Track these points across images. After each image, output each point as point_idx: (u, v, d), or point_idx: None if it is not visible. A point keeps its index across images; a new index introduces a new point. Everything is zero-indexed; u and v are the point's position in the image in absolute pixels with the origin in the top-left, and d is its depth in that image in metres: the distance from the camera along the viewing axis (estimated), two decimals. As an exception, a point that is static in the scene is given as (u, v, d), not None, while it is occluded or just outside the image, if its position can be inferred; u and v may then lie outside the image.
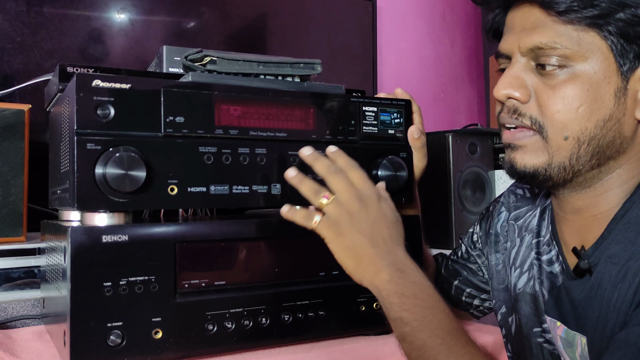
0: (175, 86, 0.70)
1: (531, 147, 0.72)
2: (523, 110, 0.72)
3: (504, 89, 0.72)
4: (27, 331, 0.86)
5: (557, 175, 0.71)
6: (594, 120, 0.68)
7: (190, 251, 0.70)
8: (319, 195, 0.71)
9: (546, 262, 0.79)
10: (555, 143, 0.70)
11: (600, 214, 0.72)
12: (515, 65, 0.72)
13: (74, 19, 1.36)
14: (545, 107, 0.70)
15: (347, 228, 0.69)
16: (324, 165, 0.72)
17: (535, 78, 0.71)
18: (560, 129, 0.69)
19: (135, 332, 0.66)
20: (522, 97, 0.71)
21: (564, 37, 0.68)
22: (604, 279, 0.68)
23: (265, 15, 1.68)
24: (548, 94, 0.69)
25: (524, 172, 0.73)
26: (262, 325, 0.73)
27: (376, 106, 0.83)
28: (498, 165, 1.59)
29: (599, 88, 0.68)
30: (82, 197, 0.65)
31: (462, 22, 2.36)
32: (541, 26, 0.69)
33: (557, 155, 0.70)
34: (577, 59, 0.68)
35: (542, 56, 0.69)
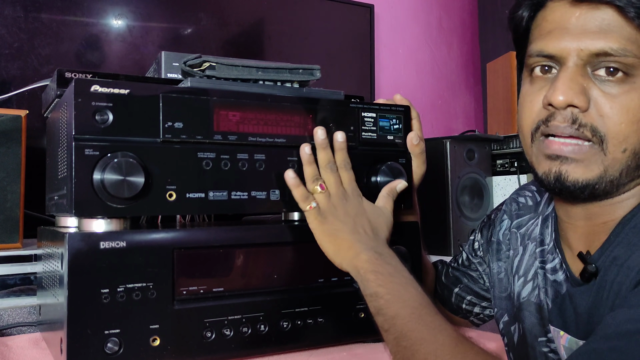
0: (174, 92, 0.70)
1: (586, 161, 0.67)
2: (584, 120, 0.66)
3: (564, 95, 0.66)
4: (23, 338, 0.85)
5: (604, 189, 0.67)
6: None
7: (188, 258, 0.70)
8: (317, 181, 0.77)
9: (550, 270, 0.79)
10: (612, 156, 0.66)
11: (612, 220, 0.70)
12: (571, 70, 0.66)
13: (71, 25, 1.36)
14: (608, 118, 0.65)
15: (330, 217, 0.76)
16: (326, 158, 0.78)
17: (592, 84, 0.66)
18: (620, 141, 0.65)
19: (133, 340, 0.65)
20: (584, 105, 0.66)
21: (634, 44, 0.64)
22: (606, 281, 0.67)
23: (263, 21, 1.68)
24: (610, 103, 0.65)
25: (574, 186, 0.68)
26: (260, 333, 0.73)
27: (375, 112, 0.83)
28: (496, 172, 1.60)
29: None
30: (80, 203, 0.64)
31: (459, 28, 2.37)
32: (612, 30, 0.64)
33: (611, 169, 0.66)
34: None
35: (606, 62, 0.65)
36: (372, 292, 0.70)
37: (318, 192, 0.77)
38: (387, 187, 0.83)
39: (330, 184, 0.78)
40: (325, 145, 0.78)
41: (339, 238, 0.75)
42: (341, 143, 0.79)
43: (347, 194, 0.79)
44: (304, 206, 0.76)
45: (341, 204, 0.77)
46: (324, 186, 0.77)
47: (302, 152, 0.77)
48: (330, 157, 0.79)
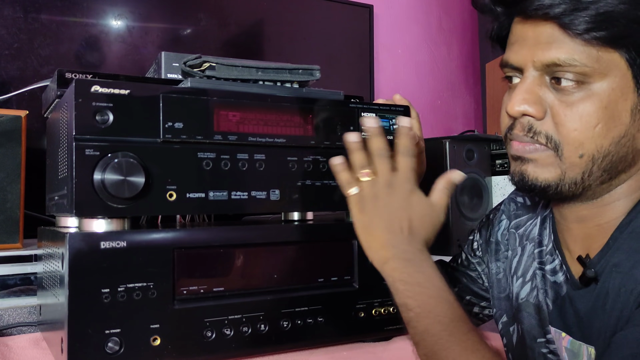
0: (174, 92, 0.70)
1: (543, 162, 0.70)
2: (538, 128, 0.69)
3: (518, 105, 0.69)
4: (24, 338, 0.85)
5: (568, 190, 0.69)
6: (610, 137, 0.67)
7: (188, 257, 0.70)
8: (364, 167, 0.74)
9: (550, 271, 0.79)
10: (569, 161, 0.68)
11: (606, 223, 0.71)
12: (528, 80, 0.69)
13: (71, 26, 1.36)
14: (561, 125, 0.67)
15: (369, 207, 0.72)
16: (378, 145, 0.74)
17: (550, 93, 0.68)
18: (576, 147, 0.67)
19: (134, 339, 0.65)
20: (538, 114, 0.68)
21: (582, 54, 0.65)
22: (609, 288, 0.68)
23: (263, 21, 1.68)
24: (565, 111, 0.67)
25: (534, 186, 0.71)
26: (260, 332, 0.73)
27: (375, 112, 0.83)
28: (495, 172, 1.60)
29: (616, 105, 0.66)
30: (81, 203, 0.64)
31: (459, 28, 2.37)
32: (558, 42, 0.66)
33: (570, 172, 0.68)
34: (595, 77, 0.65)
35: (558, 72, 0.67)
36: (401, 303, 0.68)
37: (363, 178, 0.73)
38: (444, 179, 0.78)
39: (380, 169, 0.74)
40: (379, 132, 0.74)
41: (373, 233, 0.72)
42: (406, 128, 0.76)
43: (395, 182, 0.74)
44: (345, 190, 0.74)
45: (384, 193, 0.73)
46: (369, 172, 0.73)
47: (349, 139, 0.74)
48: (384, 144, 0.75)
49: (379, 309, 0.80)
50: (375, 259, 0.72)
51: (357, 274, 0.79)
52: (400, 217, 0.72)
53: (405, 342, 0.81)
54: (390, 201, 0.73)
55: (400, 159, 0.75)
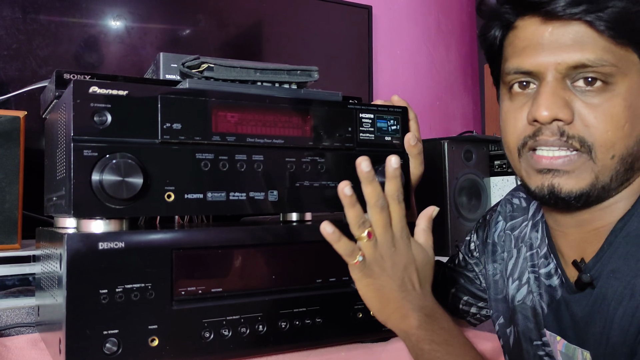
0: (173, 93, 0.70)
1: (577, 171, 0.68)
2: (571, 132, 0.67)
3: (548, 110, 0.67)
4: (22, 339, 0.85)
5: (597, 195, 0.68)
6: (635, 136, 0.67)
7: (186, 258, 0.70)
8: (364, 226, 0.67)
9: (544, 275, 0.79)
10: (602, 163, 0.67)
11: (602, 226, 0.71)
12: (551, 84, 0.68)
13: (69, 26, 1.36)
14: (593, 127, 0.66)
15: (377, 269, 0.67)
16: (374, 195, 0.66)
17: (573, 96, 0.67)
18: (608, 148, 0.66)
19: (132, 340, 0.65)
20: (568, 118, 0.67)
21: (610, 54, 0.65)
22: (607, 294, 0.67)
23: (261, 22, 1.68)
24: (594, 113, 0.66)
25: (569, 197, 0.68)
26: (259, 333, 0.73)
27: (373, 113, 0.83)
28: (494, 172, 1.60)
29: (636, 103, 0.66)
30: (79, 204, 0.64)
31: (457, 29, 2.37)
32: (586, 42, 0.65)
33: (602, 175, 0.67)
34: (618, 76, 0.65)
35: (585, 73, 0.66)
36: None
37: (365, 241, 0.67)
38: (424, 219, 0.73)
39: (379, 226, 0.67)
40: (372, 178, 0.66)
41: (384, 295, 0.67)
42: (396, 170, 0.68)
43: (396, 238, 0.68)
44: (349, 260, 0.67)
45: (389, 252, 0.67)
46: (372, 232, 0.67)
47: (342, 193, 0.66)
48: (380, 192, 0.67)
49: (377, 309, 0.80)
50: (391, 318, 0.67)
51: (355, 275, 0.79)
52: (410, 272, 0.68)
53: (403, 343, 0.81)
54: (396, 260, 0.68)
55: (393, 206, 0.68)
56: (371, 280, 0.67)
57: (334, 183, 0.80)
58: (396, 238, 0.68)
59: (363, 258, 0.66)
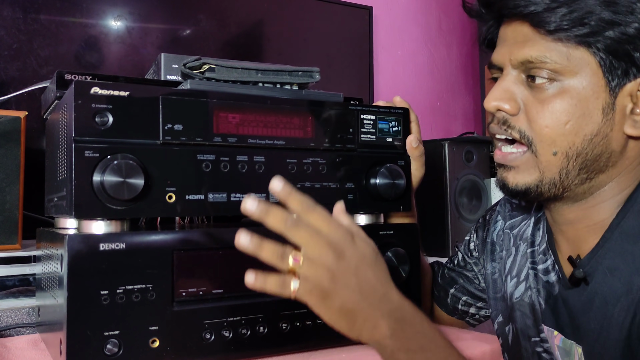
0: (174, 94, 0.70)
1: (523, 167, 0.73)
2: (512, 123, 0.72)
3: (494, 100, 0.73)
4: (22, 340, 0.85)
5: (548, 191, 0.72)
6: (582, 135, 0.69)
7: (187, 259, 0.70)
8: (285, 258, 0.58)
9: (542, 271, 0.80)
10: (544, 159, 0.71)
11: (594, 224, 0.73)
12: (506, 78, 0.73)
13: (70, 26, 1.36)
14: (534, 122, 0.71)
15: (330, 287, 0.57)
16: (278, 219, 0.57)
17: (526, 91, 0.72)
18: (548, 144, 0.70)
19: (132, 341, 0.65)
20: (511, 110, 0.72)
21: (553, 52, 0.68)
22: (604, 291, 0.68)
23: (262, 23, 1.68)
24: (537, 108, 0.70)
25: (515, 190, 0.74)
26: (260, 334, 0.73)
27: (374, 114, 0.83)
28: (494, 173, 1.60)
29: (587, 103, 0.68)
30: (80, 205, 0.64)
31: (458, 30, 2.37)
32: (531, 40, 0.70)
33: (548, 172, 0.71)
34: (566, 74, 0.68)
35: (532, 69, 0.70)
36: None
37: (298, 268, 0.57)
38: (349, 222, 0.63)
39: (305, 242, 0.57)
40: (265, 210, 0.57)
41: (348, 310, 0.58)
42: (282, 190, 0.58)
43: (333, 241, 0.58)
44: (286, 294, 0.58)
45: (333, 263, 0.57)
46: (298, 256, 0.57)
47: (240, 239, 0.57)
48: (283, 212, 0.57)
49: (378, 311, 0.80)
50: (362, 333, 0.59)
51: (356, 276, 0.79)
52: (365, 274, 0.59)
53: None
54: (344, 267, 0.58)
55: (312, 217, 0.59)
56: (329, 301, 0.58)
57: (334, 184, 0.80)
58: (333, 241, 0.58)
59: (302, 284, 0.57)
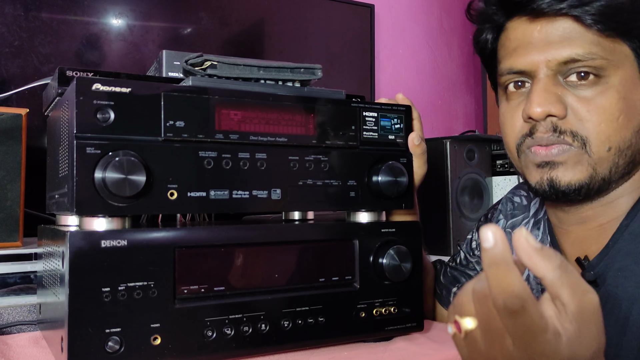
0: (176, 90, 0.70)
1: (571, 162, 0.68)
2: (563, 127, 0.68)
3: (540, 106, 0.67)
4: (23, 337, 0.85)
5: (598, 188, 0.68)
6: (631, 128, 0.67)
7: (189, 256, 0.69)
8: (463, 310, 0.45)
9: None
10: (597, 155, 0.67)
11: (607, 222, 0.71)
12: (543, 81, 0.69)
13: (71, 24, 1.35)
14: (586, 121, 0.67)
15: None
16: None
17: (566, 91, 0.68)
18: (603, 141, 0.67)
19: (134, 338, 0.65)
20: (561, 113, 0.68)
21: (599, 47, 0.65)
22: (617, 294, 0.67)
23: (264, 20, 1.68)
24: (586, 107, 0.67)
25: (569, 189, 0.68)
26: (261, 332, 0.72)
27: (376, 111, 0.83)
28: (496, 172, 1.59)
29: (631, 95, 0.67)
30: (81, 202, 0.64)
31: (460, 28, 2.37)
32: (574, 37, 0.66)
33: (600, 167, 0.67)
34: (610, 69, 0.66)
35: (576, 68, 0.67)
36: None
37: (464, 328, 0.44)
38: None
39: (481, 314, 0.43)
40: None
41: None
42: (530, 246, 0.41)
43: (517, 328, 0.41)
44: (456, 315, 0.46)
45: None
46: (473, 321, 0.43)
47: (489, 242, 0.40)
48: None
49: (380, 309, 0.80)
50: None
51: (358, 274, 0.79)
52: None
53: (406, 342, 0.81)
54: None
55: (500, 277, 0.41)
56: None
57: (337, 182, 0.80)
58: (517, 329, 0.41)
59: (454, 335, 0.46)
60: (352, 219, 0.84)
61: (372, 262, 0.80)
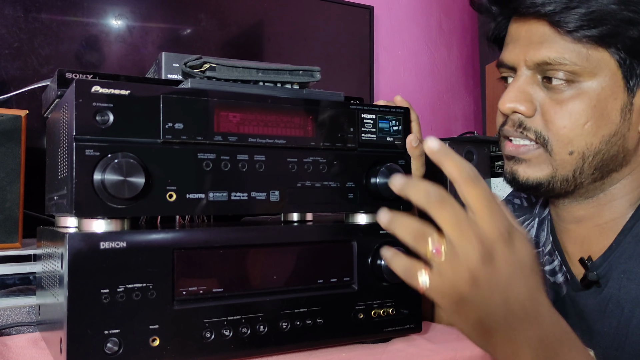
0: (175, 92, 0.70)
1: (535, 161, 0.72)
2: (528, 125, 0.71)
3: (509, 102, 0.71)
4: (22, 338, 0.85)
5: (560, 187, 0.71)
6: (600, 135, 0.68)
7: (188, 258, 0.70)
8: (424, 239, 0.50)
9: (549, 272, 0.79)
10: (559, 157, 0.69)
11: (605, 223, 0.72)
12: (520, 78, 0.71)
13: (71, 25, 1.36)
14: (551, 122, 0.69)
15: (469, 294, 0.49)
16: (423, 190, 0.50)
17: (541, 92, 0.70)
18: (565, 144, 0.69)
19: (133, 340, 0.65)
20: (528, 112, 0.71)
21: (573, 53, 0.67)
22: (620, 296, 0.68)
23: (263, 22, 1.68)
24: (555, 109, 0.69)
25: (526, 184, 0.73)
26: (260, 333, 0.73)
27: (375, 113, 0.83)
28: (495, 173, 1.60)
29: (605, 104, 0.68)
30: (80, 204, 0.64)
31: (459, 30, 2.37)
32: (549, 41, 0.68)
33: (561, 169, 0.70)
34: (585, 75, 0.67)
35: (549, 71, 0.69)
36: None
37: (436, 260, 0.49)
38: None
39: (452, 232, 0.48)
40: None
41: (486, 328, 0.50)
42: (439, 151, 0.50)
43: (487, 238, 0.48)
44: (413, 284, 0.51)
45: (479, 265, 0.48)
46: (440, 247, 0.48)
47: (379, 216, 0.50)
48: (428, 186, 0.50)
49: (378, 310, 0.80)
50: (499, 356, 0.52)
51: (357, 276, 0.79)
52: (516, 288, 0.49)
53: (404, 344, 0.81)
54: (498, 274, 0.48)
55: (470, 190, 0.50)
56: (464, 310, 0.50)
57: (335, 183, 0.80)
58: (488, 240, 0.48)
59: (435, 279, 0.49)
60: (351, 221, 0.84)
61: (371, 263, 0.80)
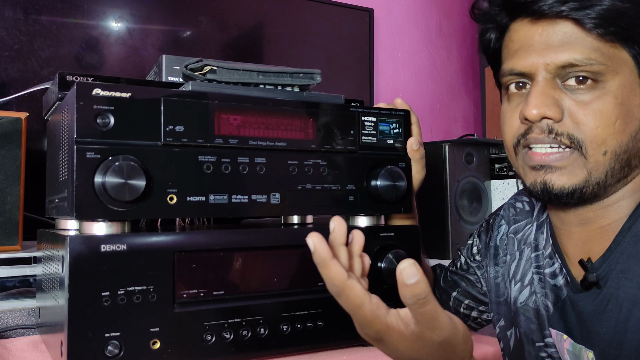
0: (175, 95, 0.70)
1: (569, 167, 0.69)
2: (559, 129, 0.69)
3: (536, 108, 0.68)
4: (23, 341, 0.85)
5: (591, 192, 0.69)
6: (628, 133, 0.68)
7: (188, 261, 0.70)
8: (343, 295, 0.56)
9: (549, 275, 0.79)
10: (594, 159, 0.68)
11: (609, 224, 0.72)
12: (541, 84, 0.69)
13: (71, 28, 1.36)
14: (582, 124, 0.67)
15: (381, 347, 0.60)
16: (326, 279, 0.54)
17: (564, 95, 0.69)
18: (599, 144, 0.67)
19: (133, 343, 0.65)
20: (557, 116, 0.68)
21: (597, 52, 0.66)
22: (619, 296, 0.68)
23: (263, 24, 1.68)
24: (583, 110, 0.67)
25: (561, 193, 0.69)
26: (260, 336, 0.73)
27: (375, 116, 0.83)
28: (495, 176, 1.60)
29: (629, 101, 0.67)
30: (81, 206, 0.64)
31: (458, 32, 2.37)
32: (574, 41, 0.66)
33: (595, 172, 0.68)
34: (609, 74, 0.66)
35: (574, 72, 0.67)
36: None
37: None
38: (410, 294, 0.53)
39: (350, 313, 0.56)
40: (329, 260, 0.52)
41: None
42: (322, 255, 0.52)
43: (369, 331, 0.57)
44: None
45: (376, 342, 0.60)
46: None
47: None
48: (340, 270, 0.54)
49: (379, 313, 0.80)
50: None
51: (357, 278, 0.79)
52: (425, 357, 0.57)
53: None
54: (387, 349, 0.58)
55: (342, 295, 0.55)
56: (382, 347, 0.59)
57: (335, 186, 0.80)
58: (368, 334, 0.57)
59: None
60: (351, 223, 0.84)
61: (371, 266, 0.80)
